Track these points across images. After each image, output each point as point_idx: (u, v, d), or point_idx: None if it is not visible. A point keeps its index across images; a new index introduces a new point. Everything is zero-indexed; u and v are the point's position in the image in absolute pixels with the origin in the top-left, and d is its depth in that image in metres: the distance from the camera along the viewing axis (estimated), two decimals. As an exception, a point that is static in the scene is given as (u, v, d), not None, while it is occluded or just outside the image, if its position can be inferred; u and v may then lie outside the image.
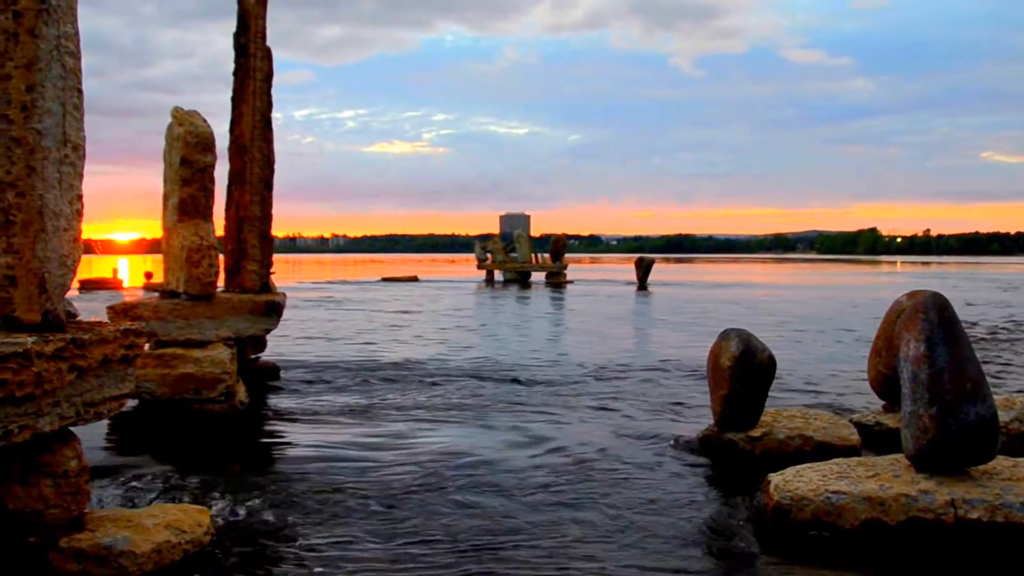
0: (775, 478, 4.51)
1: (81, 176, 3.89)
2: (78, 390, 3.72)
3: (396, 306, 22.33)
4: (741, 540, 4.30)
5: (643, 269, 34.15)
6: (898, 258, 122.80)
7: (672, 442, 6.24)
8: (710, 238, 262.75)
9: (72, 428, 3.84)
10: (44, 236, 3.67)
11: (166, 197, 7.64)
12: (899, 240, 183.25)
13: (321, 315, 18.94)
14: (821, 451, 5.61)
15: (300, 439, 6.42)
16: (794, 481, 4.41)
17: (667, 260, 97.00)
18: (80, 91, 3.88)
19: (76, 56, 3.86)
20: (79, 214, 3.87)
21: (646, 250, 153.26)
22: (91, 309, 4.86)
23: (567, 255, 38.91)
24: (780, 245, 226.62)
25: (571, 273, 38.78)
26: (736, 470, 5.56)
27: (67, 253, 3.79)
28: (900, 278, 45.12)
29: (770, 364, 5.74)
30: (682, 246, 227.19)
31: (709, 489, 5.16)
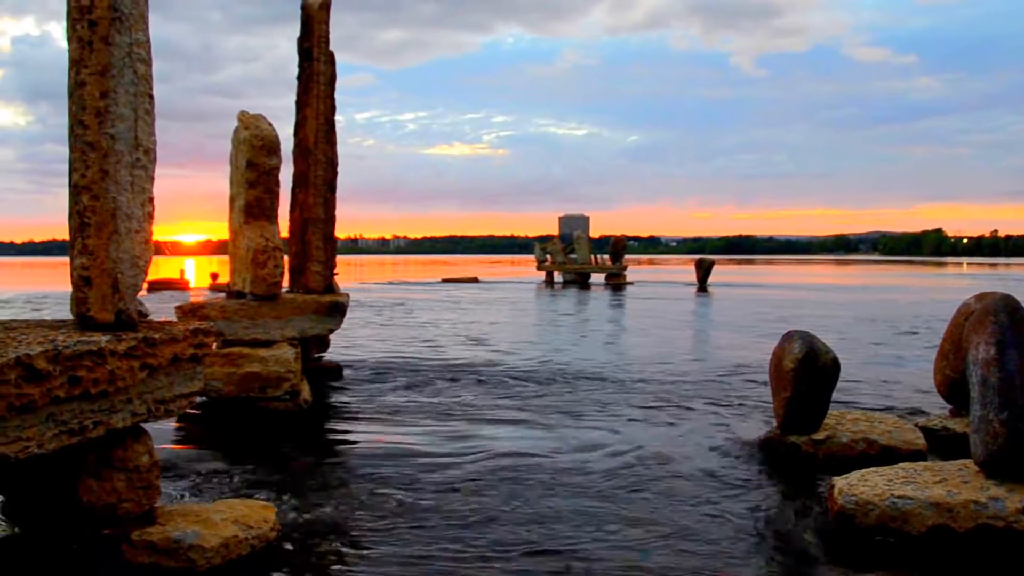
0: (839, 482, 4.45)
1: (152, 179, 3.99)
2: (149, 388, 3.82)
3: (457, 307, 22.42)
4: (804, 544, 4.26)
5: (703, 270, 33.89)
6: (964, 260, 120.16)
7: (733, 444, 6.20)
8: (771, 239, 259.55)
9: (143, 424, 3.94)
10: (117, 238, 3.77)
11: (232, 199, 7.78)
12: (965, 241, 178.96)
13: (383, 315, 19.08)
14: (886, 455, 5.53)
15: (363, 437, 6.49)
16: (859, 485, 4.36)
17: (727, 261, 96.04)
18: (151, 96, 3.98)
19: (147, 62, 3.96)
20: (150, 216, 3.97)
21: (706, 251, 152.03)
22: (159, 310, 4.97)
23: (626, 256, 38.73)
24: (842, 246, 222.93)
25: (631, 274, 38.60)
26: (799, 473, 5.50)
27: (139, 254, 3.89)
28: (966, 280, 44.19)
29: (834, 366, 5.66)
30: (742, 247, 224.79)
31: (771, 492, 5.11)
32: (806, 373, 5.59)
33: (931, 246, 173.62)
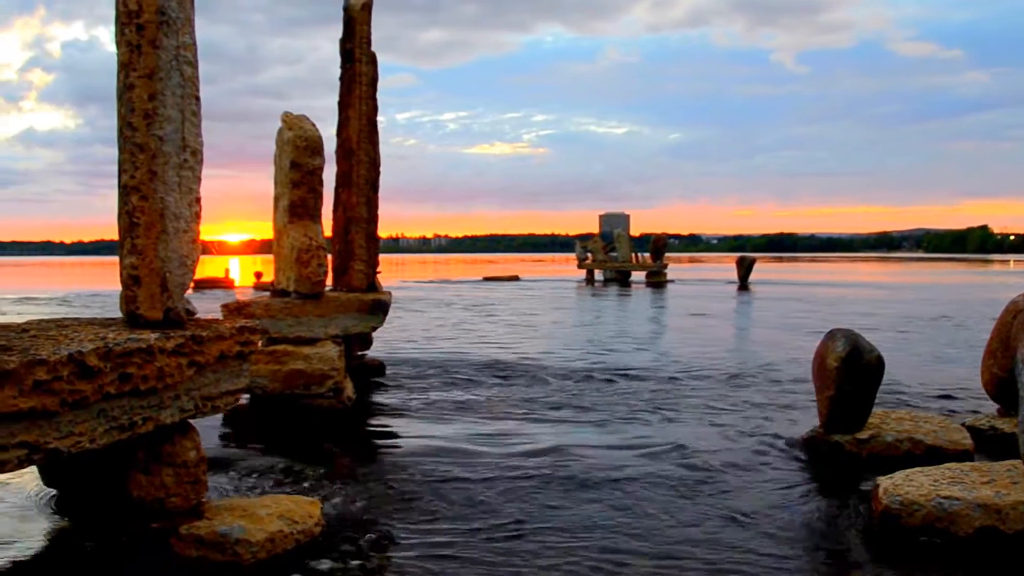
0: (884, 482, 4.41)
1: (199, 179, 4.06)
2: (197, 384, 3.89)
3: (498, 305, 22.45)
4: (848, 544, 4.23)
5: (744, 268, 33.64)
6: (1011, 257, 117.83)
7: (777, 443, 6.17)
8: (812, 236, 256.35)
9: (191, 420, 4.01)
10: (165, 237, 3.84)
11: (277, 199, 7.86)
12: (1012, 238, 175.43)
13: (425, 313, 19.16)
14: (931, 455, 5.47)
15: (406, 434, 6.55)
16: (904, 485, 4.32)
17: (768, 259, 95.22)
18: (198, 98, 4.05)
19: (193, 65, 4.03)
20: (197, 216, 4.04)
21: (747, 249, 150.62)
22: (205, 308, 5.04)
23: (667, 254, 38.51)
24: (885, 243, 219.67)
25: (671, 272, 38.38)
26: (842, 472, 5.46)
27: (187, 253, 3.96)
28: (1013, 278, 43.47)
29: (878, 365, 5.60)
30: (783, 245, 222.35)
31: (815, 491, 5.08)
32: (850, 371, 5.54)
33: (976, 243, 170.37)
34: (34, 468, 4.46)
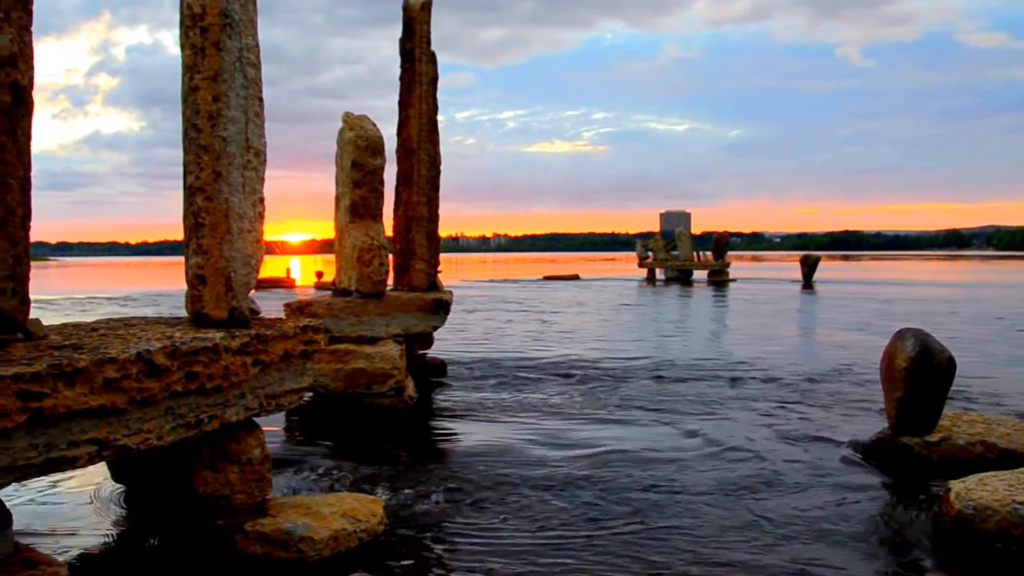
0: (956, 486, 4.29)
1: (263, 180, 4.11)
2: (261, 383, 3.94)
3: (559, 304, 22.44)
4: (918, 550, 4.13)
5: (808, 267, 33.22)
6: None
7: (844, 445, 6.07)
8: (878, 234, 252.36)
9: (255, 418, 4.06)
10: (230, 237, 3.89)
11: (338, 199, 7.92)
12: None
13: (485, 313, 19.21)
14: (1006, 459, 5.32)
15: (467, 433, 6.56)
16: (977, 490, 4.19)
17: (833, 257, 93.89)
18: (261, 99, 4.09)
19: (257, 66, 4.07)
20: (261, 216, 4.09)
21: (810, 247, 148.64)
22: (268, 307, 5.08)
23: (729, 253, 38.17)
24: (954, 241, 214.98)
25: (733, 271, 38.01)
26: (912, 476, 5.34)
27: (251, 253, 4.01)
28: (1090, 275, 42.40)
29: (949, 366, 5.46)
30: (848, 243, 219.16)
31: (883, 495, 4.98)
32: (920, 372, 5.42)
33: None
34: (103, 464, 4.56)
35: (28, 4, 3.24)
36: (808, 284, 31.81)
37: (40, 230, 3.44)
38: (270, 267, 38.35)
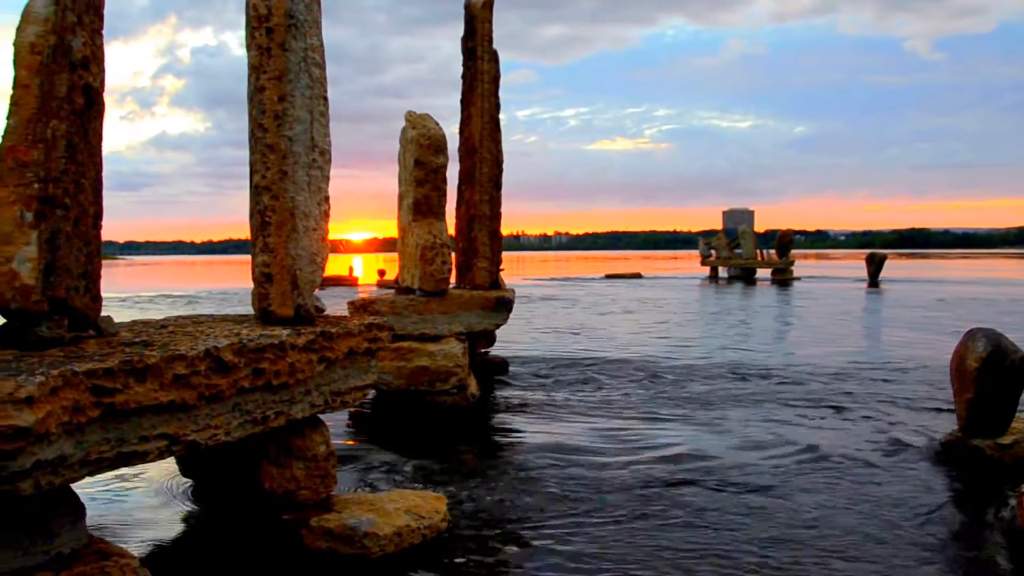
0: (1029, 489, 4.20)
1: (328, 179, 4.15)
2: (326, 380, 3.98)
3: (621, 302, 22.37)
4: (990, 555, 4.02)
5: (875, 265, 32.70)
6: None
7: (913, 447, 5.97)
8: (946, 232, 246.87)
9: (320, 415, 4.10)
10: (296, 236, 3.93)
11: (401, 197, 7.98)
12: None
13: (546, 311, 19.21)
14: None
15: (530, 432, 6.56)
16: (1051, 493, 4.10)
17: (900, 256, 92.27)
18: (326, 99, 4.13)
19: (321, 66, 4.11)
20: (326, 215, 4.13)
21: (876, 245, 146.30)
22: (331, 305, 5.13)
23: (793, 251, 37.71)
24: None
25: (797, 269, 37.55)
26: (983, 478, 5.22)
27: (316, 251, 4.05)
28: None
29: (1023, 366, 5.34)
30: (915, 241, 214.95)
31: (952, 498, 4.87)
32: (991, 373, 5.30)
33: None
34: (172, 459, 4.65)
35: (100, 9, 3.32)
36: (874, 283, 31.31)
37: (109, 229, 3.56)
38: (333, 265, 38.78)
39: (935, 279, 36.22)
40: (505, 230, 9.23)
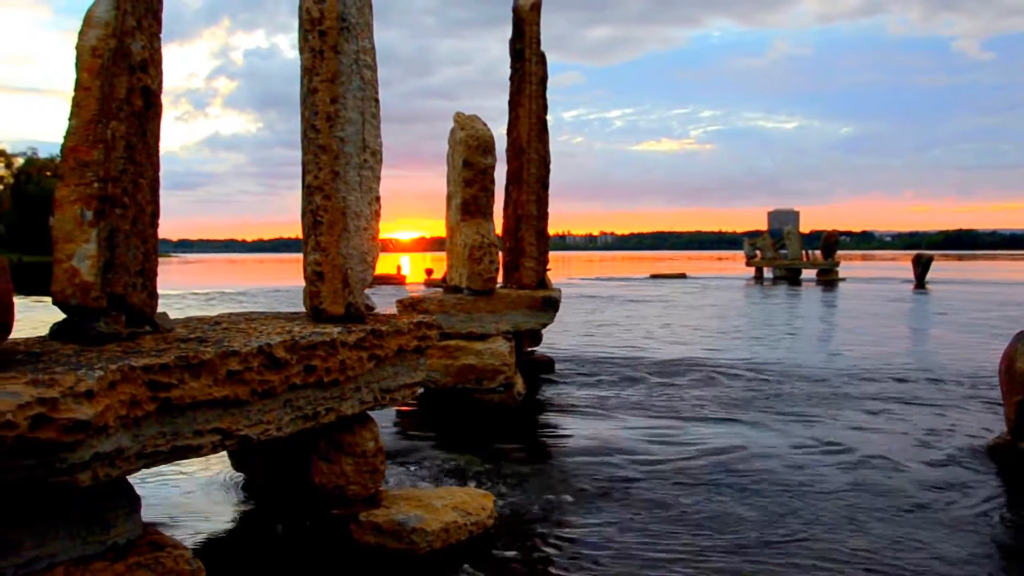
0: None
1: (378, 179, 4.20)
2: (376, 377, 4.03)
3: (665, 302, 22.29)
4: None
5: (921, 266, 32.25)
6: None
7: (958, 449, 5.91)
8: (994, 233, 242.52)
9: (369, 412, 4.15)
10: (347, 235, 3.99)
11: (449, 198, 8.03)
12: None
13: (593, 310, 19.19)
14: None
15: (575, 430, 6.57)
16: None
17: (946, 257, 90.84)
18: (377, 100, 4.18)
19: (373, 68, 4.16)
20: (377, 215, 4.18)
21: (922, 246, 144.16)
22: (379, 304, 5.15)
23: (838, 252, 37.31)
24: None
25: (843, 270, 37.15)
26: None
27: (367, 251, 4.10)
28: None
29: (1074, 367, 5.26)
30: (963, 242, 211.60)
31: (1000, 502, 4.81)
32: (1042, 375, 5.24)
33: None
34: (224, 453, 4.73)
35: (158, 13, 3.39)
36: (921, 284, 30.90)
37: (162, 228, 3.62)
38: (381, 264, 38.97)
39: (983, 280, 35.67)
40: (551, 230, 9.25)
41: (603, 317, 17.53)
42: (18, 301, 2.79)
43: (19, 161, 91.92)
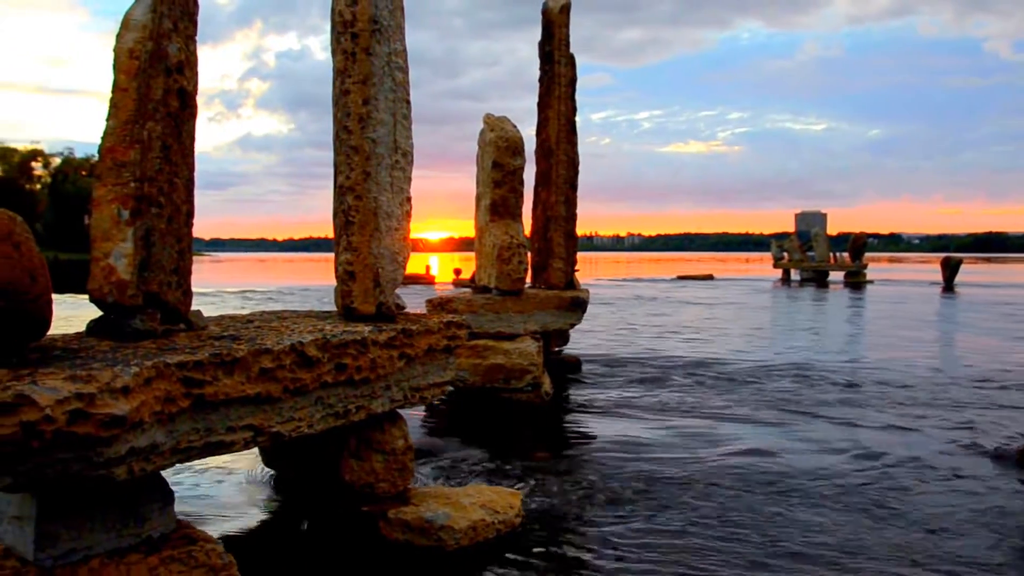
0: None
1: (409, 180, 4.24)
2: (406, 376, 4.06)
3: (694, 303, 22.22)
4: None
5: (950, 269, 31.97)
6: None
7: (985, 453, 5.87)
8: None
9: (399, 410, 4.19)
10: (378, 235, 4.03)
11: (479, 198, 8.07)
12: None
13: (620, 311, 19.17)
14: None
15: (602, 430, 6.59)
16: None
17: (976, 260, 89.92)
18: (408, 102, 4.22)
19: (404, 70, 4.20)
20: (408, 215, 4.22)
21: (951, 249, 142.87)
22: (408, 303, 5.17)
23: (866, 254, 37.03)
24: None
25: (871, 273, 36.89)
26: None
27: (398, 251, 4.14)
28: None
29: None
30: (992, 244, 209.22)
31: (1032, 503, 4.81)
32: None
33: None
34: (255, 450, 4.79)
35: (194, 16, 3.44)
36: (949, 287, 30.63)
37: (195, 227, 3.69)
38: (410, 264, 39.08)
39: (1014, 283, 35.31)
40: (579, 231, 9.27)
41: (630, 317, 17.51)
42: (55, 298, 2.84)
43: (56, 161, 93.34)
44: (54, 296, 2.81)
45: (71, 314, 9.39)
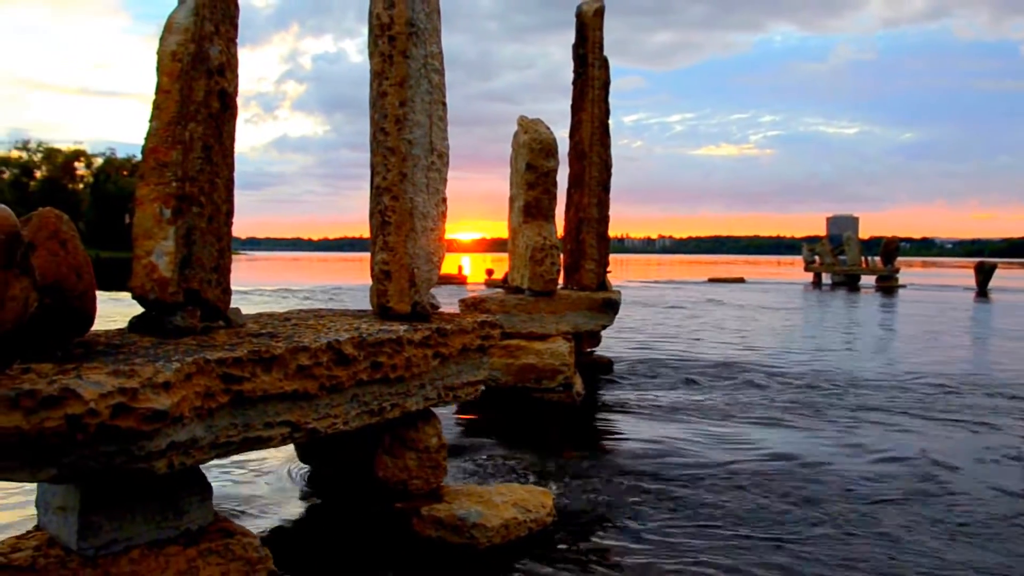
0: None
1: (445, 181, 4.28)
2: (440, 374, 4.11)
3: (724, 306, 22.14)
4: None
5: (983, 274, 31.65)
6: None
7: (1016, 460, 5.83)
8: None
9: (432, 408, 4.24)
10: (414, 235, 4.07)
11: (512, 200, 8.11)
12: None
13: (652, 313, 19.14)
14: None
15: (633, 431, 6.60)
16: None
17: (1011, 265, 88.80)
18: (444, 104, 4.26)
19: (440, 73, 4.25)
20: (443, 215, 4.26)
21: (985, 253, 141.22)
22: (441, 303, 5.21)
23: (898, 259, 36.72)
24: None
25: (903, 277, 36.56)
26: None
27: (433, 251, 4.19)
28: None
29: None
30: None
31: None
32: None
33: None
34: (291, 446, 4.85)
35: (235, 19, 3.51)
36: (983, 292, 30.31)
37: (233, 226, 3.78)
38: (443, 264, 39.12)
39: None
40: (610, 233, 9.28)
41: (662, 319, 17.48)
42: (97, 295, 2.91)
43: (98, 161, 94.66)
44: (96, 293, 2.88)
45: (112, 311, 9.51)
